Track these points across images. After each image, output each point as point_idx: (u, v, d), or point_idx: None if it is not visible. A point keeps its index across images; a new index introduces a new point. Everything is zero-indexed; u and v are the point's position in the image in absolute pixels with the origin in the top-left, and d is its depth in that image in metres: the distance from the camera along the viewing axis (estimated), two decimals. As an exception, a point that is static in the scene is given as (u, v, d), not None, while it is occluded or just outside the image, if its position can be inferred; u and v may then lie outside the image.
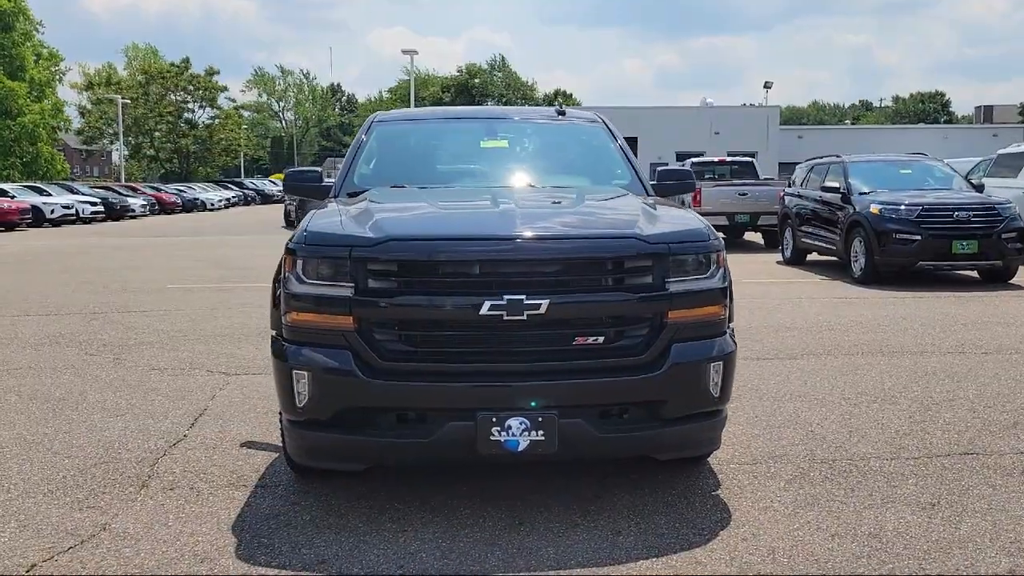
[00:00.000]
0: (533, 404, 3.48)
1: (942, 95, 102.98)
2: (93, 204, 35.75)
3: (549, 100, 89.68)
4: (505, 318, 3.46)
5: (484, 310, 3.45)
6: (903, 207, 11.36)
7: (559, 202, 4.27)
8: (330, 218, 3.93)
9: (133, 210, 40.03)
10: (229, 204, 54.37)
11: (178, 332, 8.44)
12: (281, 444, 4.69)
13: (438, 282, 3.56)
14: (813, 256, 14.22)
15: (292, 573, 3.26)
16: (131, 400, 5.82)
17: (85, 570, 3.31)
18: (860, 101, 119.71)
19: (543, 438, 3.49)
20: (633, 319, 3.62)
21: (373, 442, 3.61)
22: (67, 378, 6.51)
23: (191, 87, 70.35)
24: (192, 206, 48.79)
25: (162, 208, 44.55)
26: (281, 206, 52.90)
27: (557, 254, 3.58)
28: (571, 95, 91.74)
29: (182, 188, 52.92)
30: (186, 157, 72.29)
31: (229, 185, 61.91)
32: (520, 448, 3.50)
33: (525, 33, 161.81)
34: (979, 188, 12.56)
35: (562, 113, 5.50)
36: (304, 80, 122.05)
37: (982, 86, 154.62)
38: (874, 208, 11.53)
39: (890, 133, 51.74)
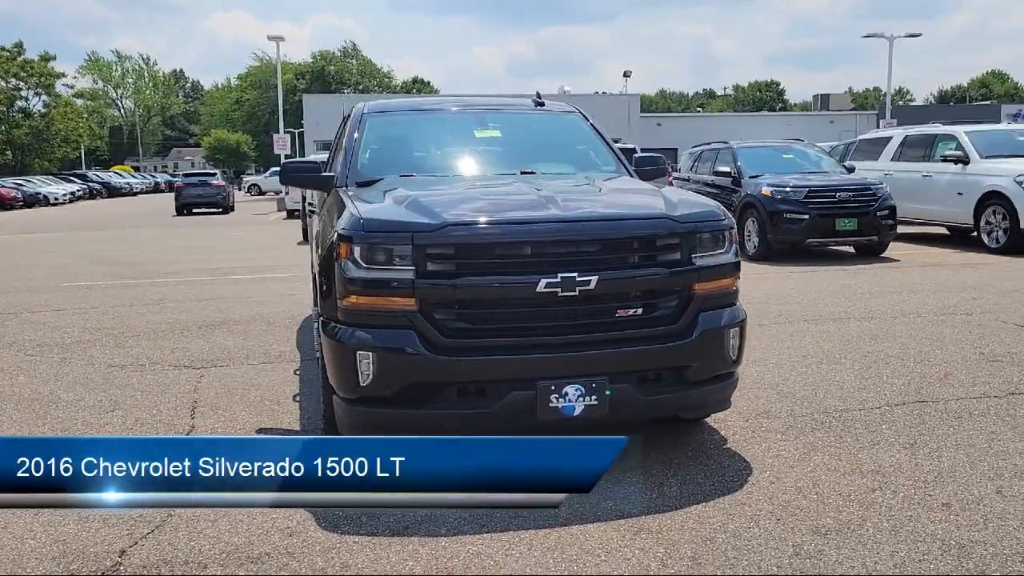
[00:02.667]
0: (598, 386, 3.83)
1: (777, 84, 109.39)
2: (-73, 201, 33.07)
3: (407, 88, 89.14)
4: (560, 294, 3.78)
5: (540, 287, 3.76)
6: (790, 188, 12.33)
7: (581, 187, 4.61)
8: (379, 205, 4.12)
9: (-30, 206, 37.23)
10: (74, 198, 51.33)
11: (110, 330, 8.20)
12: (302, 426, 4.86)
13: (495, 263, 3.83)
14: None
15: (383, 538, 3.47)
16: (110, 397, 5.73)
17: (177, 550, 3.41)
18: (703, 89, 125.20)
19: (596, 403, 3.84)
20: (666, 292, 4.01)
21: (437, 415, 3.85)
22: (23, 379, 6.30)
23: (24, 73, 65.61)
24: (34, 201, 45.74)
25: (0, 203, 41.64)
26: (133, 200, 50.36)
27: (603, 233, 3.92)
28: (428, 83, 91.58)
29: (20, 182, 49.48)
30: (20, 149, 67.45)
31: (71, 178, 58.33)
32: (576, 413, 3.83)
33: (372, 20, 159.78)
34: (850, 170, 13.74)
35: (541, 104, 5.82)
36: (144, 66, 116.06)
37: (809, 75, 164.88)
38: (765, 190, 12.45)
39: (740, 120, 54.78)
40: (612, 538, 3.45)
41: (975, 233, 13.54)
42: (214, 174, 35.51)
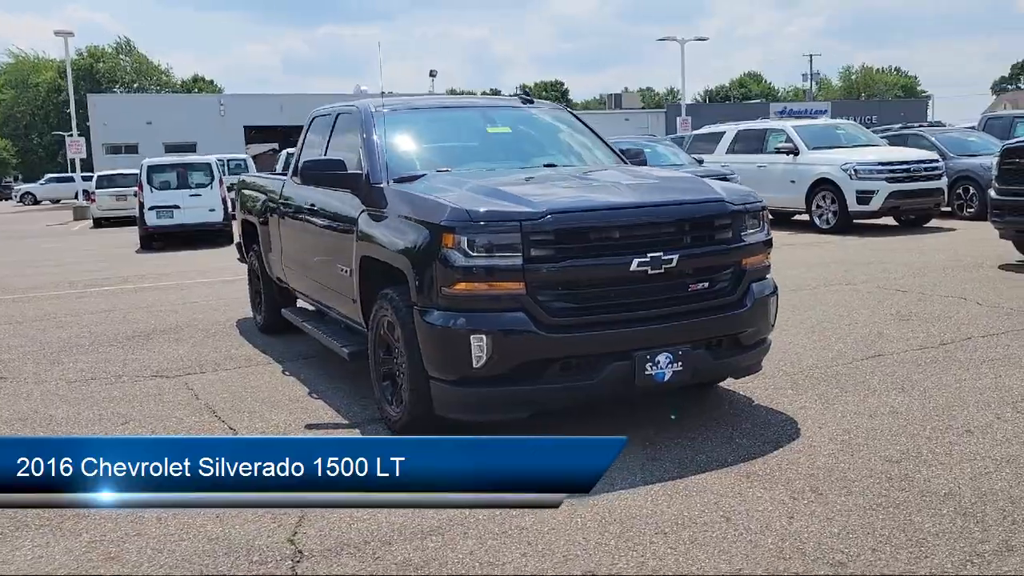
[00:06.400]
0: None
1: (561, 84, 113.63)
2: None
3: (188, 87, 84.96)
4: (649, 272, 4.19)
5: (633, 267, 4.16)
6: (656, 181, 13.29)
7: (627, 175, 5.00)
8: (474, 197, 4.33)
9: None
10: None
11: (29, 348, 7.61)
12: (351, 420, 4.92)
13: (594, 246, 4.17)
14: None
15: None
16: (109, 411, 5.47)
17: (345, 533, 3.51)
18: (490, 89, 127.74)
19: (681, 368, 4.29)
20: (725, 266, 4.52)
21: (543, 389, 4.14)
22: (-16, 401, 5.84)
23: None
24: None
25: None
26: None
27: (679, 216, 4.37)
28: (212, 81, 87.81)
29: None
30: None
31: None
32: (666, 379, 4.27)
33: (133, 14, 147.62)
34: (700, 163, 14.98)
35: (531, 102, 6.16)
36: None
37: (584, 76, 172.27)
38: (635, 182, 13.33)
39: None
40: (732, 483, 3.91)
41: (800, 216, 15.21)
42: None
